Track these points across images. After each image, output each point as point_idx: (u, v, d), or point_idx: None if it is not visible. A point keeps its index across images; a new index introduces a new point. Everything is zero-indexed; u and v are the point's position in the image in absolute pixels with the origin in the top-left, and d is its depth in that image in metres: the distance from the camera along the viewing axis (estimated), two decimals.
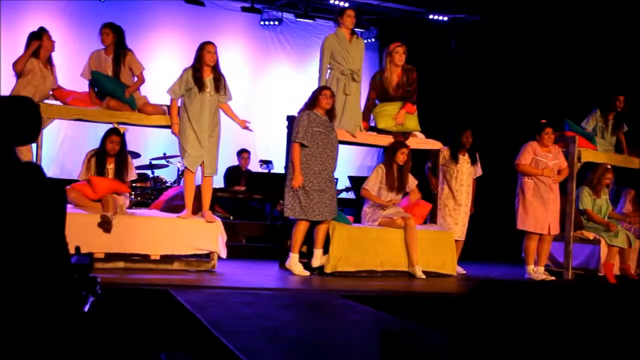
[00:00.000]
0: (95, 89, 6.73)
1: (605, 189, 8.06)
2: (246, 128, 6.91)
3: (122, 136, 6.65)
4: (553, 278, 7.53)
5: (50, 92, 6.62)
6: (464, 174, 7.68)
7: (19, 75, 6.34)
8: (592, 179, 7.99)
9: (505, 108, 10.36)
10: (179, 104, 6.69)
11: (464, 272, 7.64)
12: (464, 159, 7.70)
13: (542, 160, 7.44)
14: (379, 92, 7.45)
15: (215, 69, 6.65)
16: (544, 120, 7.59)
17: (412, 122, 7.47)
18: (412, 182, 7.40)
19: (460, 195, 7.66)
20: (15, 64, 6.36)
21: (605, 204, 8.05)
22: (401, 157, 7.17)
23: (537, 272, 7.47)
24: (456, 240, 7.66)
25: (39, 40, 6.39)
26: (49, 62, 6.55)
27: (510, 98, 10.48)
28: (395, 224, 7.14)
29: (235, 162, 10.12)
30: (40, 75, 6.40)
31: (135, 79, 6.88)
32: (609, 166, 7.99)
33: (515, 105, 10.32)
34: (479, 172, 7.84)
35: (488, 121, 9.93)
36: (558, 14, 9.91)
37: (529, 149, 7.48)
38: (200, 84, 6.54)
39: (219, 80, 6.64)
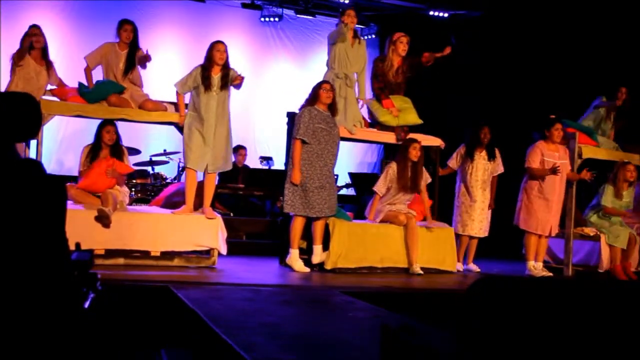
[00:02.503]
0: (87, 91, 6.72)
1: (630, 190, 7.87)
2: (241, 77, 6.65)
3: (116, 126, 6.65)
4: (551, 274, 7.54)
5: (48, 88, 6.64)
6: (480, 171, 7.60)
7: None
8: (612, 176, 7.86)
9: (506, 104, 10.34)
10: (187, 100, 6.69)
11: (478, 270, 7.60)
12: (481, 156, 7.63)
13: (550, 160, 7.39)
14: (380, 76, 7.42)
15: (225, 67, 6.65)
16: (553, 116, 7.54)
17: (411, 115, 7.46)
18: (425, 180, 7.32)
19: (475, 192, 7.58)
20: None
21: (622, 207, 7.86)
22: (414, 152, 7.10)
23: (537, 267, 7.48)
24: (472, 237, 7.63)
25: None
26: (43, 59, 6.57)
27: (512, 94, 10.46)
28: (398, 220, 7.13)
29: (232, 159, 10.08)
30: (33, 69, 6.46)
31: (141, 72, 6.91)
32: (626, 160, 7.88)
33: (516, 101, 10.31)
34: (500, 169, 7.74)
35: (488, 117, 9.91)
36: (559, 10, 9.90)
37: (536, 150, 7.44)
38: (207, 83, 6.55)
39: (227, 77, 6.63)
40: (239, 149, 10.18)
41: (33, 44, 6.53)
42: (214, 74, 6.61)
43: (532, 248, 7.50)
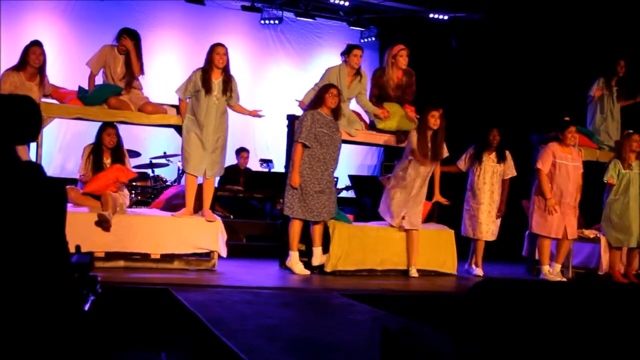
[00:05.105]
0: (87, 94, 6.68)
1: (638, 162, 7.72)
2: (258, 116, 6.92)
3: (117, 128, 6.64)
4: (565, 279, 7.44)
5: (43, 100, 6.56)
6: (487, 173, 7.50)
7: None
8: (617, 150, 7.80)
9: (506, 107, 10.34)
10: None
11: (481, 274, 7.47)
12: (490, 158, 7.53)
13: (562, 162, 7.34)
14: (378, 90, 7.44)
15: (225, 71, 6.63)
16: (567, 118, 7.47)
17: (410, 121, 7.45)
18: (444, 152, 7.12)
19: (482, 194, 7.48)
20: None
21: (637, 179, 7.67)
22: (432, 120, 6.92)
23: (552, 272, 7.40)
24: (477, 240, 7.54)
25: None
26: (39, 74, 6.42)
27: (511, 97, 10.47)
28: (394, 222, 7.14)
29: (234, 161, 10.10)
30: (22, 89, 6.29)
31: (140, 78, 6.88)
32: (631, 131, 7.77)
33: (516, 103, 10.32)
34: (511, 172, 7.59)
35: (488, 120, 9.92)
36: (558, 11, 9.90)
37: (548, 152, 7.38)
38: (207, 87, 6.53)
39: (227, 83, 6.62)
40: (242, 152, 10.19)
41: (31, 62, 6.33)
42: (214, 78, 6.59)
43: (547, 252, 7.41)
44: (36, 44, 6.44)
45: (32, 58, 6.36)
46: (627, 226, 7.62)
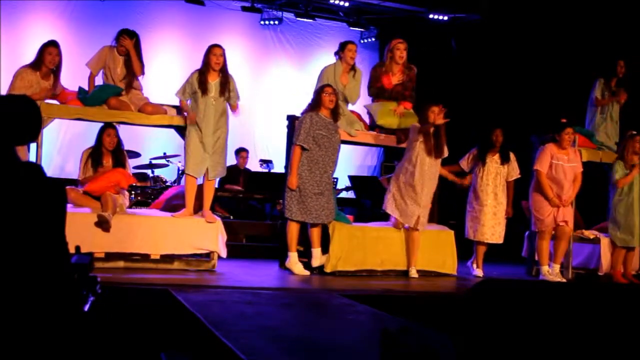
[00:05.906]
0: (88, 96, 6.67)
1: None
2: (235, 112, 6.75)
3: (117, 129, 6.64)
4: (565, 280, 7.44)
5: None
6: (491, 174, 7.47)
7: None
8: (620, 151, 7.82)
9: (506, 108, 10.34)
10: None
11: (480, 275, 7.47)
12: (493, 159, 7.50)
13: (559, 163, 7.35)
14: (379, 85, 7.45)
15: (223, 72, 6.62)
16: (564, 120, 7.46)
17: (411, 119, 7.44)
18: (445, 151, 7.07)
19: (485, 196, 7.44)
20: None
21: (638, 181, 7.71)
22: (432, 116, 6.84)
23: (551, 273, 7.39)
24: (479, 242, 7.50)
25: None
26: (52, 74, 6.43)
27: (511, 97, 10.47)
28: (397, 224, 7.13)
29: (233, 162, 10.09)
30: (37, 87, 6.29)
31: (140, 78, 6.87)
32: (634, 132, 7.78)
33: (516, 104, 10.32)
34: (514, 174, 7.56)
35: (488, 120, 9.92)
36: (558, 12, 9.91)
37: (547, 152, 7.38)
38: (203, 88, 6.52)
39: (225, 84, 6.60)
40: (241, 152, 10.19)
41: (46, 62, 6.33)
42: (211, 79, 6.58)
43: (546, 253, 7.41)
44: (52, 44, 6.43)
45: (47, 59, 6.36)
46: (631, 226, 7.66)
